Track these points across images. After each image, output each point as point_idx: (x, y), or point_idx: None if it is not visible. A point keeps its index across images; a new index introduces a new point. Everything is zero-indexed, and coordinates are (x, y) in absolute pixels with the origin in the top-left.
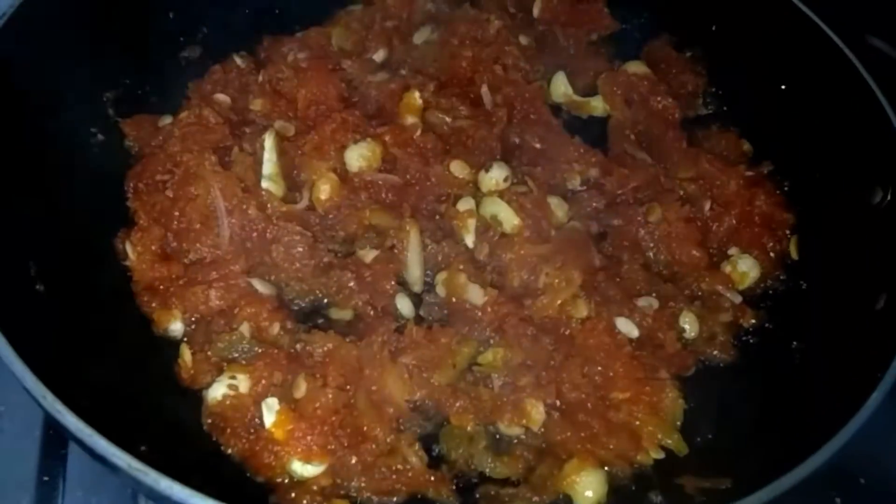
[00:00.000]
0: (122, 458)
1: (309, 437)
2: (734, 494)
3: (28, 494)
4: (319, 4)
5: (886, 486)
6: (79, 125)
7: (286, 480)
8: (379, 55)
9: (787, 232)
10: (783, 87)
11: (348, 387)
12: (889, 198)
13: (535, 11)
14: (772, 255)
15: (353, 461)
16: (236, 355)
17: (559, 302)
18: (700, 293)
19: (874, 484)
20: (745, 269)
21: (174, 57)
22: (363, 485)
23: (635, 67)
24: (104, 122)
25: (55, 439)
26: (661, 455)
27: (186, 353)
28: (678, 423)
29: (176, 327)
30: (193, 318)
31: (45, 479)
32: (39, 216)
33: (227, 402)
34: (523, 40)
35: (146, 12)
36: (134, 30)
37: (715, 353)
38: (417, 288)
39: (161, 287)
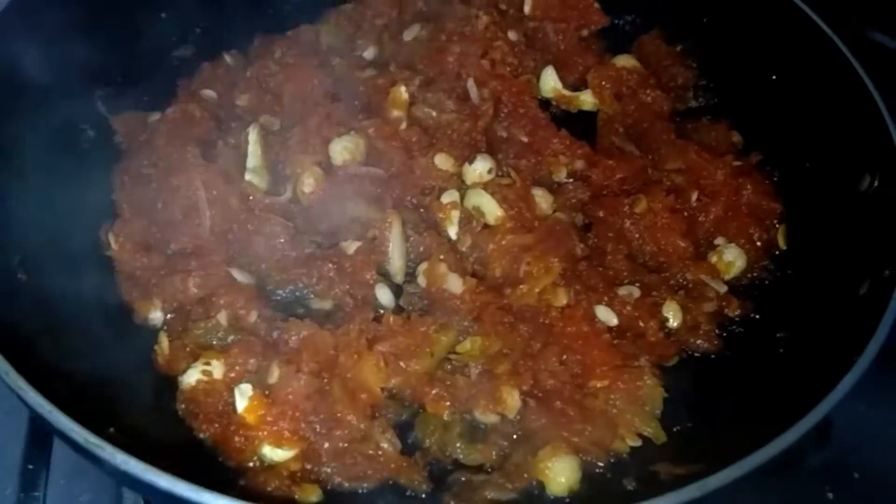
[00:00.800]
0: (80, 432)
1: (281, 423)
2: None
3: (12, 481)
4: (312, 5)
5: (880, 480)
6: (69, 121)
7: (256, 464)
8: (369, 52)
9: (775, 221)
10: (774, 77)
11: (323, 373)
12: (875, 183)
13: (527, 8)
14: (759, 244)
15: (325, 446)
16: (213, 342)
17: (538, 290)
18: (685, 283)
19: (867, 478)
20: (731, 258)
21: (167, 56)
22: (334, 470)
23: (624, 61)
24: (95, 118)
25: (41, 428)
26: (637, 443)
27: (164, 340)
28: (657, 411)
29: (156, 316)
30: (173, 308)
31: (30, 466)
32: (26, 209)
33: (201, 388)
34: (512, 36)
35: (139, 12)
36: (126, 29)
37: (698, 342)
38: (399, 278)
39: (143, 277)
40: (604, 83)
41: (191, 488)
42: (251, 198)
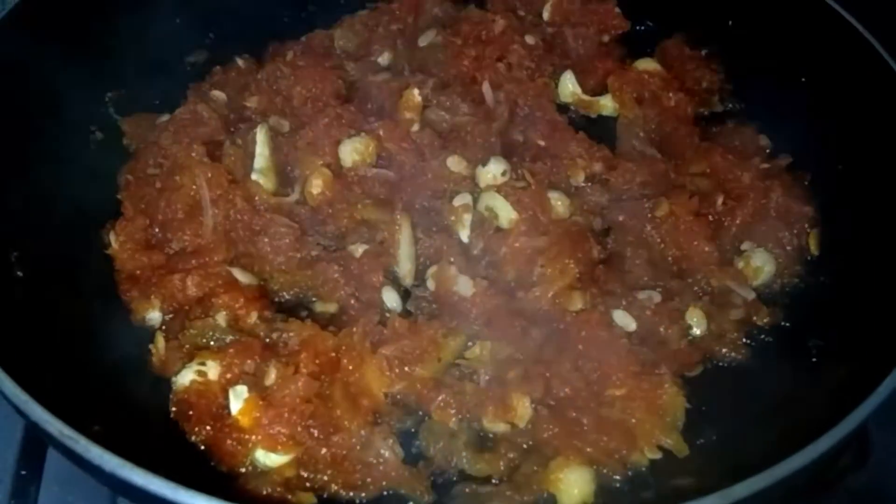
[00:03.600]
0: (54, 424)
1: (276, 426)
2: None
3: (4, 487)
4: (329, 14)
5: None
6: (79, 123)
7: (249, 469)
8: (383, 58)
9: (807, 226)
10: (803, 79)
11: (323, 376)
12: None
13: (546, 14)
14: (789, 249)
15: (323, 452)
16: (210, 343)
17: (552, 293)
18: (710, 289)
19: None
20: (759, 263)
21: (180, 61)
22: (331, 477)
23: (646, 64)
24: (104, 120)
25: (36, 435)
26: (657, 455)
27: (160, 341)
28: (679, 422)
29: (153, 316)
30: (171, 308)
31: (23, 472)
32: (29, 208)
33: (194, 388)
34: (529, 40)
35: (153, 17)
36: (140, 33)
37: (724, 351)
38: (408, 282)
39: (142, 276)
40: (624, 87)
41: (167, 485)
42: (257, 198)
